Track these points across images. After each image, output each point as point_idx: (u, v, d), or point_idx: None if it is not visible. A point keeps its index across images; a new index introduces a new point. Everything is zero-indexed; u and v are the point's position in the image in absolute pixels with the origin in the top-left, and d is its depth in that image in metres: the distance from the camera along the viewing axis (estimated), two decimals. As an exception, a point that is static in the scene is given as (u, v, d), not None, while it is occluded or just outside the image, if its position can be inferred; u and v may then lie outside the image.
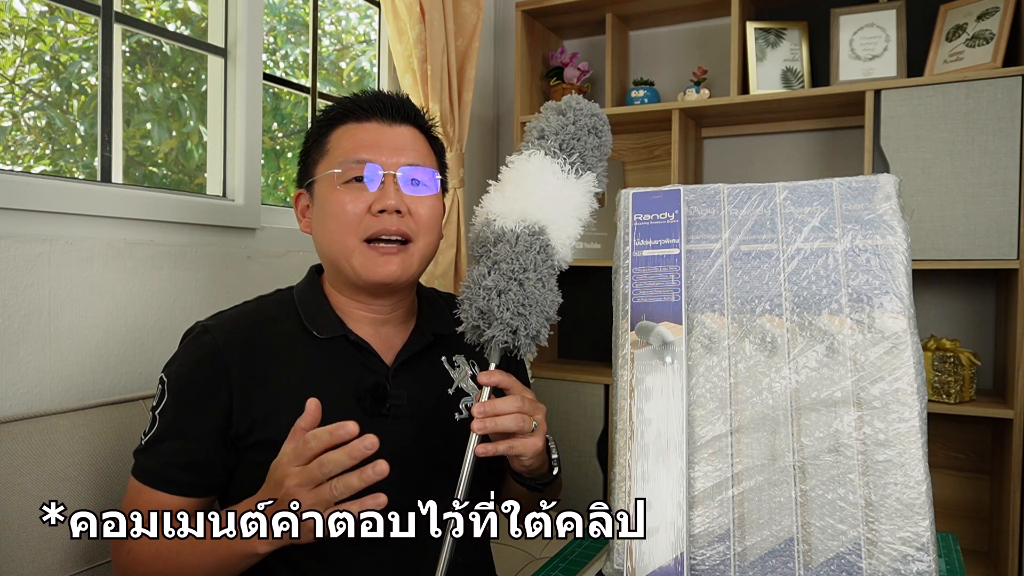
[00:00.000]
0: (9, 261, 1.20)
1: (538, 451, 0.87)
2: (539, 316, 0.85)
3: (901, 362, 0.75)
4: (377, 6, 2.24)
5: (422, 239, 0.99)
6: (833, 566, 0.72)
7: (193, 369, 0.96)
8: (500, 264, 0.84)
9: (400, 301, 1.04)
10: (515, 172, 0.89)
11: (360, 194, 0.96)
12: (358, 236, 0.96)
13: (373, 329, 1.02)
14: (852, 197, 0.81)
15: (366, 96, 1.02)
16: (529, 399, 0.87)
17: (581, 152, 0.91)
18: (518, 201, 0.87)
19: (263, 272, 1.68)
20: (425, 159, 1.01)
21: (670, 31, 2.45)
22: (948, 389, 1.82)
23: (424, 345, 1.04)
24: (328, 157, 0.99)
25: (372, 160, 0.96)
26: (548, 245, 0.86)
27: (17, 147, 1.44)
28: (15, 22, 1.42)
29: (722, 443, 0.77)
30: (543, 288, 0.85)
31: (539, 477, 0.96)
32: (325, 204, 0.98)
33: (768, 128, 2.28)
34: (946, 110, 1.81)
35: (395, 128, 1.00)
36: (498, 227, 0.86)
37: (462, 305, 0.86)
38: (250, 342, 0.97)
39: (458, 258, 2.14)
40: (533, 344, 0.85)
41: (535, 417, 0.87)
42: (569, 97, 0.94)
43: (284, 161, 2.04)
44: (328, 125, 1.01)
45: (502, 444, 0.84)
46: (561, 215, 0.88)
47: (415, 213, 0.98)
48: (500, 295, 0.83)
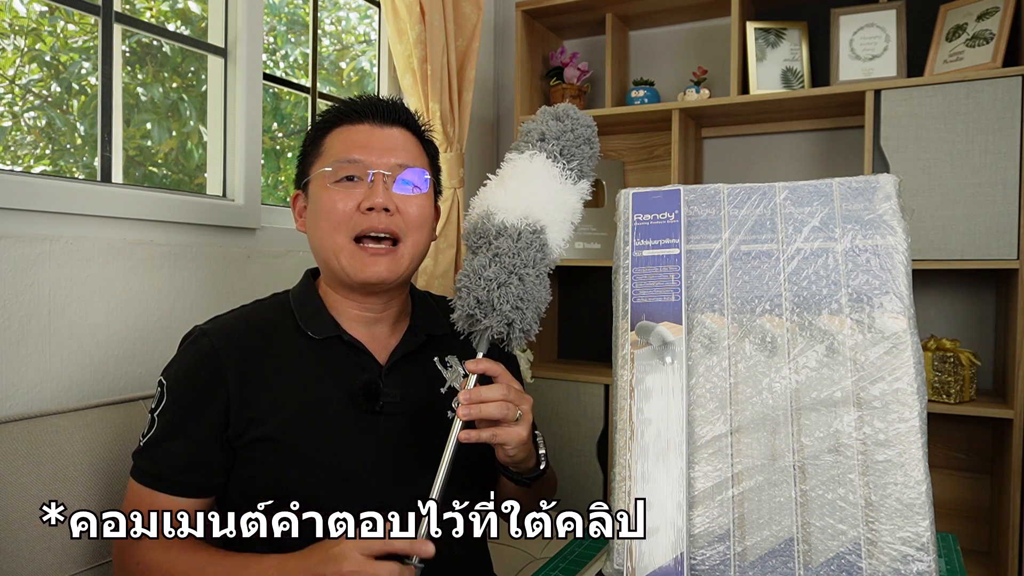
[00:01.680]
0: (9, 261, 1.20)
1: (522, 441, 0.88)
2: (534, 312, 0.87)
3: (901, 362, 0.75)
4: (377, 6, 2.24)
5: (411, 238, 1.00)
6: (833, 566, 0.72)
7: (191, 371, 0.97)
8: (502, 257, 0.85)
9: (392, 301, 1.06)
10: (518, 170, 0.91)
11: (350, 192, 0.99)
12: (347, 234, 0.98)
13: (367, 329, 1.04)
14: (852, 197, 0.81)
15: (359, 99, 1.05)
16: (515, 388, 0.88)
17: (580, 160, 0.93)
18: (523, 198, 0.89)
19: (263, 272, 1.68)
20: (416, 159, 1.03)
21: (670, 31, 2.44)
22: (948, 389, 1.82)
23: (417, 345, 1.06)
24: (322, 158, 1.02)
25: (362, 159, 0.99)
26: (546, 244, 0.88)
27: (17, 147, 1.44)
28: (15, 22, 1.42)
29: (722, 443, 0.77)
30: (539, 285, 0.87)
31: (526, 471, 0.97)
32: (317, 203, 1.01)
33: (768, 128, 2.28)
34: (946, 110, 1.81)
35: (386, 129, 1.03)
36: (500, 220, 0.88)
37: (459, 293, 0.87)
38: (246, 344, 0.99)
39: (458, 258, 2.14)
40: (523, 338, 0.87)
41: (520, 407, 0.88)
42: (565, 105, 0.97)
43: (284, 161, 2.04)
44: (324, 128, 1.05)
45: (485, 431, 0.85)
46: (559, 218, 0.90)
47: (404, 212, 1.00)
48: (500, 287, 0.84)
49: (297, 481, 0.95)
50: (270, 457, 0.95)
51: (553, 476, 1.15)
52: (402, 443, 0.99)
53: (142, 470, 0.96)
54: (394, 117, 1.04)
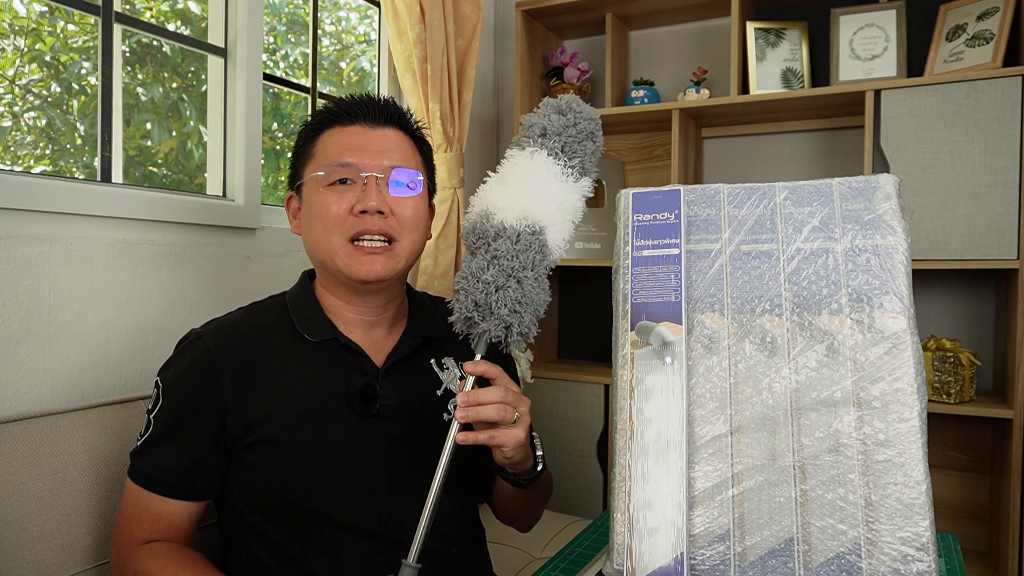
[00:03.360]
0: (9, 261, 1.20)
1: (520, 443, 0.88)
2: (532, 314, 0.86)
3: (901, 362, 0.75)
4: (377, 6, 2.24)
5: (406, 239, 1.00)
6: (833, 566, 0.72)
7: (187, 375, 0.97)
8: (500, 260, 0.85)
9: (389, 303, 1.06)
10: (518, 168, 0.90)
11: (343, 195, 0.98)
12: (342, 236, 0.98)
13: (363, 332, 1.04)
14: (852, 197, 0.81)
15: (351, 100, 1.04)
16: (513, 391, 0.88)
17: (582, 157, 0.91)
18: (521, 199, 0.88)
19: (263, 272, 1.68)
20: (409, 161, 1.03)
21: (670, 31, 2.44)
22: (948, 389, 1.82)
23: (414, 347, 1.05)
24: (314, 160, 1.02)
25: (355, 162, 0.99)
26: (545, 245, 0.87)
27: (17, 147, 1.44)
28: (15, 22, 1.42)
29: (722, 443, 0.77)
30: (538, 287, 0.86)
31: (523, 473, 0.97)
32: (311, 206, 1.00)
33: (768, 128, 2.28)
34: (946, 110, 1.81)
35: (379, 131, 1.02)
36: (498, 221, 0.87)
37: (457, 296, 0.86)
38: (243, 347, 0.99)
39: (458, 258, 2.14)
40: (521, 341, 0.87)
41: (518, 409, 0.87)
42: (569, 97, 0.94)
43: (284, 161, 2.04)
44: (315, 129, 1.04)
45: (483, 433, 0.85)
46: (559, 217, 0.89)
47: (398, 214, 0.99)
48: (498, 291, 0.84)
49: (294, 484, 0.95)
50: (267, 460, 0.95)
51: (549, 478, 1.15)
52: (399, 446, 0.99)
53: (138, 471, 0.96)
54: (386, 117, 1.03)
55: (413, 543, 0.81)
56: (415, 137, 1.07)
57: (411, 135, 1.07)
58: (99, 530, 1.09)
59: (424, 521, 0.82)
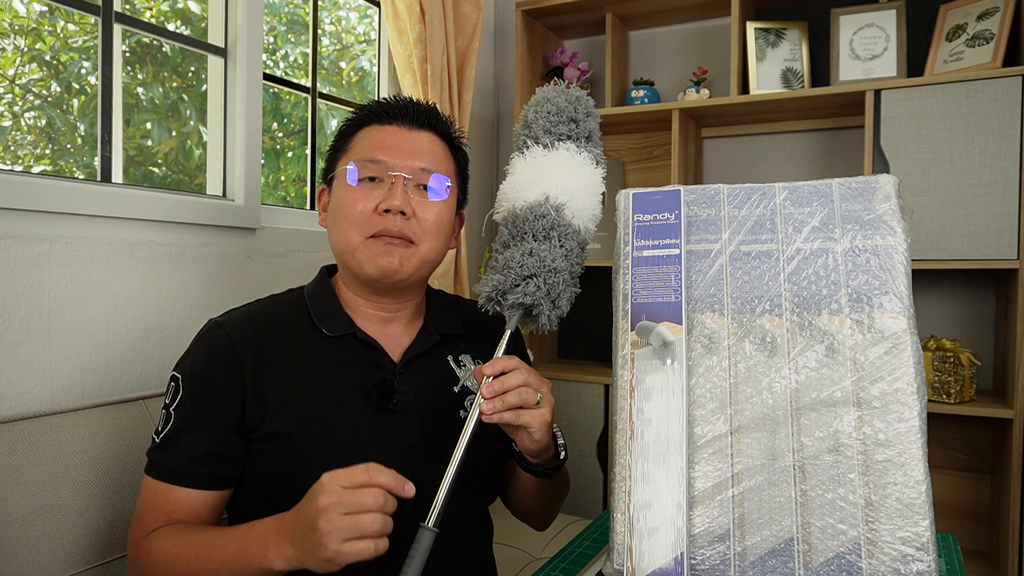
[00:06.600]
0: (9, 261, 1.20)
1: (546, 423, 0.89)
2: (568, 302, 0.92)
3: (901, 362, 0.75)
4: (377, 6, 2.24)
5: (426, 244, 1.00)
6: (833, 566, 0.72)
7: (208, 363, 0.97)
8: (569, 255, 0.92)
9: (407, 301, 1.06)
10: (572, 162, 0.97)
11: (370, 193, 0.98)
12: (362, 233, 0.98)
13: (381, 327, 1.04)
14: (852, 197, 0.81)
15: (393, 100, 1.05)
16: (535, 373, 0.90)
17: (599, 146, 1.01)
18: (588, 197, 0.96)
19: (263, 272, 1.68)
20: (440, 166, 1.03)
21: (670, 31, 2.45)
22: (948, 389, 1.82)
23: (431, 344, 1.06)
24: (348, 155, 1.02)
25: (385, 160, 0.99)
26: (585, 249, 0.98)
27: (17, 147, 1.44)
28: (15, 22, 1.42)
29: (722, 443, 0.77)
30: (575, 285, 0.94)
31: (546, 462, 0.97)
32: (338, 200, 1.01)
33: (768, 128, 2.28)
34: (946, 110, 1.81)
35: (415, 133, 1.03)
36: (568, 218, 0.94)
37: (517, 269, 0.89)
38: (261, 337, 0.99)
39: (458, 258, 2.14)
40: (554, 316, 0.91)
41: (540, 390, 0.89)
42: (573, 89, 1.00)
43: (284, 161, 2.04)
44: (354, 125, 1.05)
45: (508, 412, 0.86)
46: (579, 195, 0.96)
47: (420, 217, 0.99)
48: (555, 272, 0.90)
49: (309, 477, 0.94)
50: (282, 452, 0.95)
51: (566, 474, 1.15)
52: (415, 441, 0.99)
53: (158, 465, 0.95)
54: (424, 121, 1.04)
55: (432, 508, 0.81)
56: (452, 145, 1.08)
57: (448, 142, 1.07)
58: (99, 530, 1.09)
59: (445, 487, 0.82)
